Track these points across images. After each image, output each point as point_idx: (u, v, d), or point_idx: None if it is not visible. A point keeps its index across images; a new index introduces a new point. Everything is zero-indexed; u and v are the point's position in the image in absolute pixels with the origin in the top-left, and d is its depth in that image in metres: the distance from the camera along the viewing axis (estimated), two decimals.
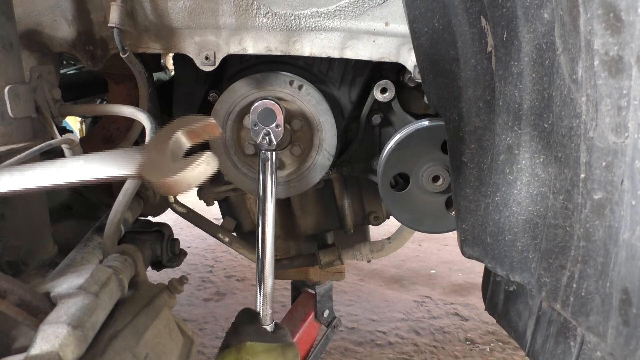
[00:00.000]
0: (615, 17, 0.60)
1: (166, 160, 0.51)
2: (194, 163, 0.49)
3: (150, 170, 0.50)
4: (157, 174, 0.49)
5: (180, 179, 0.48)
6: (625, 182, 0.63)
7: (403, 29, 1.03)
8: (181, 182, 0.48)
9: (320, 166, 1.27)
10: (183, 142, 0.55)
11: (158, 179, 0.49)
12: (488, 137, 0.88)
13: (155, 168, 0.50)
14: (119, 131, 1.42)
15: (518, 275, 0.88)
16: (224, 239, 1.54)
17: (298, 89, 1.19)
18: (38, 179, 0.54)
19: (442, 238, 3.77)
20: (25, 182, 0.54)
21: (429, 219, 1.22)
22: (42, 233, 0.99)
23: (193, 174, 0.48)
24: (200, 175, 0.49)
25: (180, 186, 0.49)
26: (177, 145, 0.54)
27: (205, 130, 0.56)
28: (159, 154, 0.52)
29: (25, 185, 0.54)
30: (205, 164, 0.49)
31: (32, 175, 0.54)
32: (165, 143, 0.53)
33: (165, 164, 0.51)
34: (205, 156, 0.49)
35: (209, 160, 0.49)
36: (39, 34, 1.10)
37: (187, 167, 0.48)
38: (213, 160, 0.50)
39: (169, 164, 0.50)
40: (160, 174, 0.49)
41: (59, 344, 0.53)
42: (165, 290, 0.79)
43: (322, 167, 1.27)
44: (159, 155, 0.52)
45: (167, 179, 0.48)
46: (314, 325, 1.80)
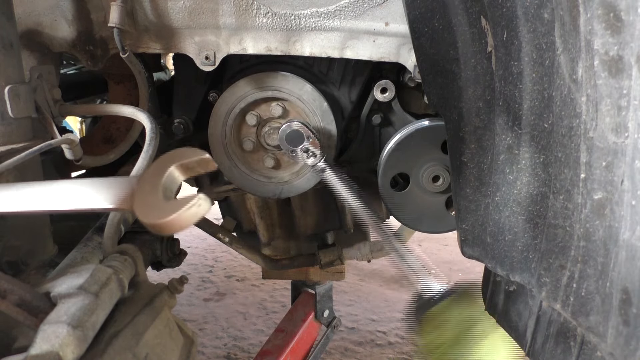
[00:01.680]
0: (615, 17, 0.60)
1: (159, 199, 0.51)
2: (185, 205, 0.49)
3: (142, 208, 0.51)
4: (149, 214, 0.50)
5: (171, 222, 0.49)
6: (625, 182, 0.63)
7: (403, 29, 1.03)
8: (172, 225, 0.49)
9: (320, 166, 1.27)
10: (176, 178, 0.55)
11: (149, 219, 0.49)
12: (488, 137, 0.88)
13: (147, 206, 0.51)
14: (119, 131, 1.42)
15: (518, 275, 0.88)
16: (224, 239, 1.54)
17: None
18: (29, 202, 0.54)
19: (442, 238, 3.77)
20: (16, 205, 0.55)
21: (429, 219, 1.22)
22: (42, 233, 0.99)
23: (184, 217, 0.49)
24: (191, 218, 0.49)
25: (172, 228, 0.49)
26: (170, 181, 0.54)
27: (199, 165, 0.56)
28: (152, 190, 0.52)
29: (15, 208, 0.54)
30: (196, 206, 0.49)
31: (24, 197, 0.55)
32: (159, 178, 0.53)
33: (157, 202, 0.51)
34: (197, 198, 0.50)
35: (200, 202, 0.50)
36: (39, 34, 1.10)
37: (179, 209, 0.49)
38: (205, 203, 0.50)
39: (161, 204, 0.51)
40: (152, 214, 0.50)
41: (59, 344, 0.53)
42: (165, 290, 0.79)
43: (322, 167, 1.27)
44: (151, 191, 0.52)
45: (158, 220, 0.49)
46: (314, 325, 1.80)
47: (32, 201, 0.55)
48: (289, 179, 1.28)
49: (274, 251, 1.67)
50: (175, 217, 0.49)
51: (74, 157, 1.01)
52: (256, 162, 1.30)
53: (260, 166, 1.29)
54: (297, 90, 1.19)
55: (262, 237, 1.62)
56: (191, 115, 1.29)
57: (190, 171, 0.56)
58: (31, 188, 0.56)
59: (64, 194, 0.55)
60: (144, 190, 0.52)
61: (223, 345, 2.52)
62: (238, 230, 1.65)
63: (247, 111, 1.24)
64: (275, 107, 1.22)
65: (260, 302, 2.98)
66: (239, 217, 1.63)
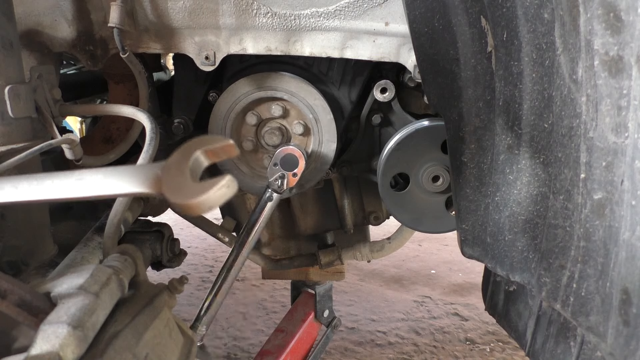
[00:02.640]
0: (615, 17, 0.60)
1: (187, 180, 0.52)
2: (215, 186, 0.50)
3: (171, 190, 0.51)
4: (179, 195, 0.50)
5: (203, 202, 0.49)
6: (625, 182, 0.63)
7: (403, 29, 1.03)
8: (203, 204, 0.50)
9: (320, 167, 1.27)
10: (202, 162, 0.56)
11: (180, 199, 0.50)
12: (488, 137, 0.88)
13: (176, 188, 0.51)
14: (119, 131, 1.42)
15: (518, 275, 0.88)
16: (224, 239, 1.54)
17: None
18: (55, 190, 0.55)
19: (442, 238, 3.77)
20: (43, 192, 0.55)
21: (429, 219, 1.22)
22: (42, 233, 0.99)
23: (215, 197, 0.50)
24: (221, 198, 0.50)
25: (202, 208, 0.50)
26: (197, 164, 0.55)
27: (223, 150, 0.57)
28: (179, 173, 0.53)
29: (42, 195, 0.55)
30: (226, 187, 0.50)
31: (50, 186, 0.55)
32: (185, 162, 0.54)
33: (186, 183, 0.52)
34: (227, 179, 0.50)
35: (229, 183, 0.50)
36: (39, 34, 1.10)
37: (209, 189, 0.49)
38: (233, 184, 0.51)
39: (190, 184, 0.51)
40: (182, 194, 0.50)
41: (59, 344, 0.53)
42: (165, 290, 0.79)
43: (322, 167, 1.27)
44: (179, 174, 0.53)
45: (189, 200, 0.49)
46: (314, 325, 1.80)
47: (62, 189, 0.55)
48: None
49: (274, 251, 1.67)
50: (206, 197, 0.49)
51: (74, 157, 1.01)
52: (256, 162, 1.30)
53: (260, 166, 1.30)
54: (297, 91, 1.19)
55: (262, 237, 1.62)
56: (191, 115, 1.29)
57: (215, 156, 0.57)
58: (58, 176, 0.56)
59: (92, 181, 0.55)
60: (171, 173, 0.53)
61: (223, 345, 2.52)
62: (238, 230, 1.64)
63: (247, 111, 1.24)
64: (275, 107, 1.22)
65: (260, 302, 2.98)
66: (239, 217, 1.63)
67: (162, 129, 1.30)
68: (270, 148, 1.26)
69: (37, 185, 0.55)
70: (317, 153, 1.26)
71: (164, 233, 1.32)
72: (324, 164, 1.27)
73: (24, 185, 0.55)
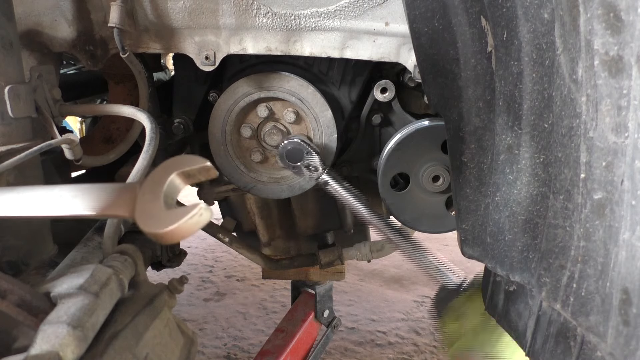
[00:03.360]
0: (615, 17, 0.60)
1: (159, 207, 0.51)
2: (187, 215, 0.49)
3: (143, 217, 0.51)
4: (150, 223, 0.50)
5: (173, 232, 0.49)
6: (625, 182, 0.63)
7: (403, 29, 1.03)
8: (173, 235, 0.49)
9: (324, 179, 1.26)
10: (177, 185, 0.55)
11: (151, 228, 0.49)
12: (488, 137, 0.88)
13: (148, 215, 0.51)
14: (119, 131, 1.42)
15: (518, 275, 0.88)
16: (224, 239, 1.54)
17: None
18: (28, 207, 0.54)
19: (442, 238, 3.76)
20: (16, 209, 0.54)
21: (429, 219, 1.22)
22: (42, 233, 0.99)
23: (185, 227, 0.49)
24: (193, 228, 0.49)
25: (173, 238, 0.49)
26: (172, 189, 0.54)
27: (200, 172, 0.56)
28: (153, 198, 0.52)
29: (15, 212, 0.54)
30: (198, 216, 0.49)
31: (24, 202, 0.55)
32: (160, 186, 0.53)
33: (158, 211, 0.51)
34: (198, 208, 0.50)
35: (201, 212, 0.50)
36: (39, 34, 1.10)
37: (180, 219, 0.49)
38: (206, 212, 0.50)
39: (162, 213, 0.51)
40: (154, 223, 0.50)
41: (59, 344, 0.53)
42: (165, 290, 0.79)
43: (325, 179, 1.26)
44: (152, 199, 0.52)
45: (160, 230, 0.49)
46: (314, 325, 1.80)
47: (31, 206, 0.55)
48: (289, 179, 1.28)
49: (274, 251, 1.67)
50: (177, 227, 0.49)
51: (74, 157, 1.01)
52: (272, 169, 1.30)
53: (277, 169, 1.29)
54: (297, 91, 1.19)
55: (262, 237, 1.62)
56: (191, 115, 1.29)
57: (191, 179, 0.56)
58: (31, 192, 0.56)
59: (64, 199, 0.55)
60: (145, 198, 0.52)
61: (223, 345, 2.52)
62: (238, 230, 1.64)
63: (247, 111, 1.24)
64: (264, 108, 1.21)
65: (260, 302, 2.98)
66: (239, 217, 1.63)
67: (162, 129, 1.30)
68: (271, 148, 1.26)
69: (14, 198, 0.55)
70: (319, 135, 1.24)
71: None
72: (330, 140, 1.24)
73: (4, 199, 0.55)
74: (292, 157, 1.16)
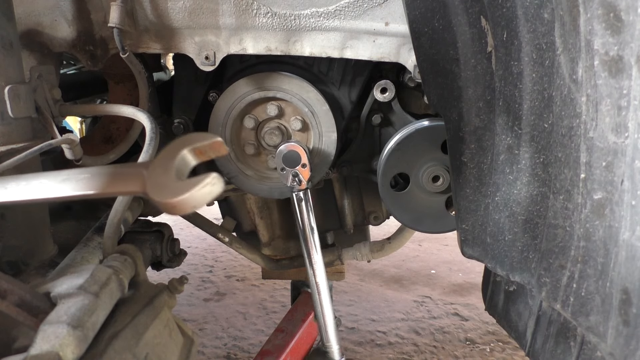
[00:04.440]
0: (615, 17, 0.60)
1: (171, 179, 0.51)
2: (199, 184, 0.48)
3: (155, 189, 0.50)
4: (162, 193, 0.49)
5: (185, 200, 0.48)
6: (625, 182, 0.63)
7: (403, 29, 1.03)
8: (186, 203, 0.48)
9: (321, 166, 1.27)
10: (189, 160, 0.55)
11: (162, 198, 0.49)
12: (488, 137, 0.88)
13: (160, 186, 0.50)
14: (119, 131, 1.42)
15: (518, 275, 0.88)
16: (224, 239, 1.54)
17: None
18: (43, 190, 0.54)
19: (442, 238, 3.77)
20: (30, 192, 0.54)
21: (429, 219, 1.22)
22: (42, 233, 0.99)
23: (198, 195, 0.48)
24: (205, 197, 0.49)
25: (185, 207, 0.49)
26: (183, 163, 0.54)
27: (211, 148, 0.56)
28: (165, 172, 0.52)
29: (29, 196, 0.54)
30: (210, 185, 0.49)
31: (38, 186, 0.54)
32: (171, 161, 0.53)
33: (170, 182, 0.50)
34: (211, 177, 0.49)
35: (214, 181, 0.49)
36: (39, 34, 1.10)
37: (193, 187, 0.48)
38: (218, 182, 0.49)
39: (174, 183, 0.50)
40: (165, 193, 0.49)
41: (59, 344, 0.53)
42: (165, 290, 0.79)
43: (323, 167, 1.27)
44: (164, 173, 0.52)
45: (172, 199, 0.48)
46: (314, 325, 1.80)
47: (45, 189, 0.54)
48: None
49: (274, 251, 1.67)
50: (190, 195, 0.48)
51: (74, 157, 1.01)
52: (260, 164, 1.30)
53: (265, 167, 1.30)
54: (297, 91, 1.19)
55: (262, 237, 1.62)
56: (191, 115, 1.29)
57: (202, 155, 0.56)
58: (40, 177, 0.56)
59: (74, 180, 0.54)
60: (157, 172, 0.52)
61: (223, 345, 2.52)
62: (238, 230, 1.64)
63: (247, 111, 1.24)
64: (274, 107, 1.22)
65: (260, 302, 2.98)
66: (239, 217, 1.63)
67: (162, 129, 1.30)
68: (270, 148, 1.26)
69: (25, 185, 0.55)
70: (318, 147, 1.25)
71: (164, 233, 1.32)
72: (327, 155, 1.26)
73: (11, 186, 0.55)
74: (288, 161, 1.18)
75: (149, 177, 0.52)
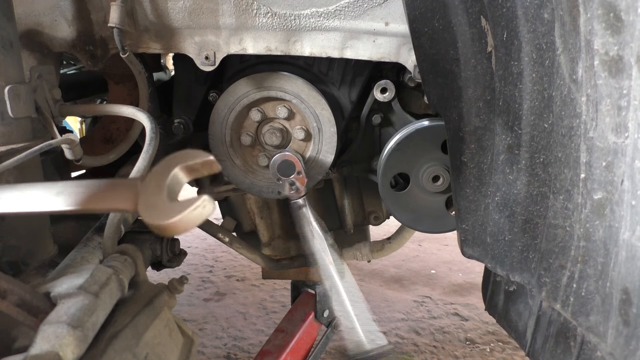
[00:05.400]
0: (615, 17, 0.60)
1: (163, 199, 0.51)
2: (190, 207, 0.49)
3: (146, 209, 0.51)
4: (154, 215, 0.50)
5: (176, 224, 0.49)
6: (625, 182, 0.63)
7: (403, 29, 1.03)
8: (177, 226, 0.49)
9: (321, 165, 1.27)
10: (180, 179, 0.55)
11: (154, 220, 0.49)
12: (488, 137, 0.88)
13: (151, 207, 0.51)
14: (119, 131, 1.42)
15: (518, 275, 0.88)
16: (224, 239, 1.54)
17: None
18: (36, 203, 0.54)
19: (442, 238, 3.77)
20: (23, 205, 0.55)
21: (429, 219, 1.22)
22: (42, 233, 0.99)
23: (189, 218, 0.49)
24: (196, 220, 0.49)
25: (176, 230, 0.49)
26: (175, 182, 0.54)
27: (203, 166, 0.56)
28: (156, 191, 0.52)
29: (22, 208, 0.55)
30: (201, 207, 0.49)
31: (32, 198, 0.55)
32: (163, 179, 0.53)
33: (161, 203, 0.51)
34: (202, 200, 0.50)
35: (205, 204, 0.50)
36: (39, 34, 1.10)
37: (183, 210, 0.49)
38: (209, 204, 0.50)
39: (166, 204, 0.51)
40: (157, 215, 0.50)
41: (59, 344, 0.53)
42: (165, 290, 0.79)
43: (323, 166, 1.27)
44: (156, 192, 0.52)
45: (163, 221, 0.49)
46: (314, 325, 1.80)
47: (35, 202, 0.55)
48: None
49: (274, 251, 1.67)
50: (180, 218, 0.49)
51: (74, 157, 1.01)
52: (251, 157, 1.30)
53: (254, 162, 1.30)
54: (297, 90, 1.19)
55: (262, 237, 1.62)
56: (191, 115, 1.29)
57: (194, 173, 0.56)
58: (32, 189, 0.56)
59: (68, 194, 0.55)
60: (148, 191, 0.52)
61: (223, 345, 2.52)
62: (238, 230, 1.64)
63: (247, 111, 1.24)
64: (281, 108, 1.22)
65: (260, 302, 2.98)
66: (239, 217, 1.63)
67: (162, 129, 1.30)
68: (270, 148, 1.26)
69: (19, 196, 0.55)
70: (314, 160, 1.26)
71: None
72: (317, 173, 1.27)
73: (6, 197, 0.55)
74: (283, 170, 1.19)
75: (141, 195, 0.52)
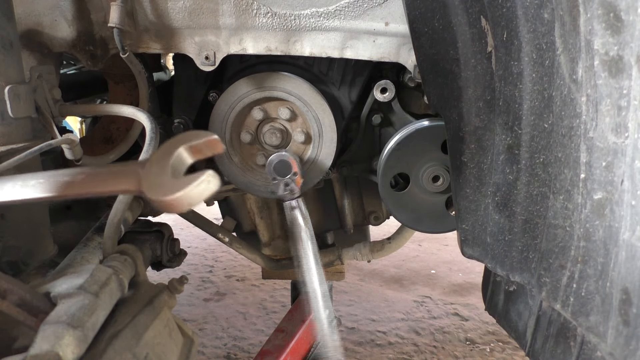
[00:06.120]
0: (615, 17, 0.60)
1: (167, 177, 0.51)
2: (194, 182, 0.48)
3: (151, 187, 0.50)
4: (158, 191, 0.49)
5: (181, 198, 0.48)
6: (625, 182, 0.63)
7: (403, 29, 1.03)
8: (181, 201, 0.48)
9: (320, 166, 1.27)
10: (185, 158, 0.54)
11: (158, 196, 0.49)
12: (488, 137, 0.88)
13: (155, 185, 0.50)
14: (119, 131, 1.42)
15: (518, 275, 0.88)
16: (224, 239, 1.54)
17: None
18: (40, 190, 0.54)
19: (442, 238, 3.77)
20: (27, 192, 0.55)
21: (429, 219, 1.22)
22: (42, 233, 0.99)
23: (194, 193, 0.48)
24: (201, 194, 0.49)
25: (180, 205, 0.49)
26: (179, 162, 0.54)
27: (207, 146, 0.56)
28: (160, 170, 0.51)
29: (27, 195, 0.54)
30: (206, 182, 0.49)
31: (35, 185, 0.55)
32: (167, 159, 0.53)
33: (165, 181, 0.50)
34: (206, 174, 0.49)
35: (209, 178, 0.49)
36: (39, 34, 1.10)
37: (188, 185, 0.48)
38: (214, 179, 0.49)
39: (170, 181, 0.50)
40: (161, 191, 0.49)
41: (59, 344, 0.53)
42: (165, 290, 0.79)
43: (322, 167, 1.27)
44: (160, 171, 0.51)
45: (167, 197, 0.48)
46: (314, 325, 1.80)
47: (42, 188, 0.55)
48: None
49: (274, 251, 1.67)
50: (185, 193, 0.48)
51: (74, 157, 1.01)
52: (249, 155, 1.30)
53: (252, 160, 1.29)
54: (297, 91, 1.19)
55: (262, 237, 1.62)
56: (191, 115, 1.29)
57: (198, 153, 0.55)
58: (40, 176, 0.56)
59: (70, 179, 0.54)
60: (152, 171, 0.52)
61: (223, 345, 2.52)
62: (238, 230, 1.64)
63: (249, 110, 1.24)
64: (288, 111, 1.22)
65: (260, 302, 2.98)
66: (238, 217, 1.63)
67: (162, 129, 1.30)
68: (270, 148, 1.26)
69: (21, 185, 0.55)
70: (312, 162, 1.26)
71: (164, 233, 1.32)
72: (313, 176, 1.27)
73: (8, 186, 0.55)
74: (279, 170, 1.19)
75: (144, 175, 0.52)
